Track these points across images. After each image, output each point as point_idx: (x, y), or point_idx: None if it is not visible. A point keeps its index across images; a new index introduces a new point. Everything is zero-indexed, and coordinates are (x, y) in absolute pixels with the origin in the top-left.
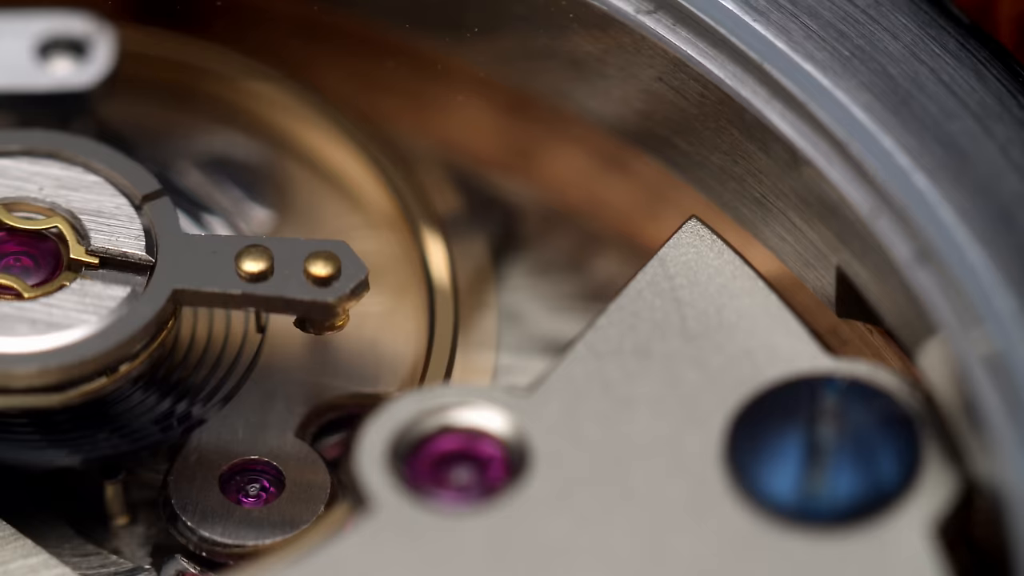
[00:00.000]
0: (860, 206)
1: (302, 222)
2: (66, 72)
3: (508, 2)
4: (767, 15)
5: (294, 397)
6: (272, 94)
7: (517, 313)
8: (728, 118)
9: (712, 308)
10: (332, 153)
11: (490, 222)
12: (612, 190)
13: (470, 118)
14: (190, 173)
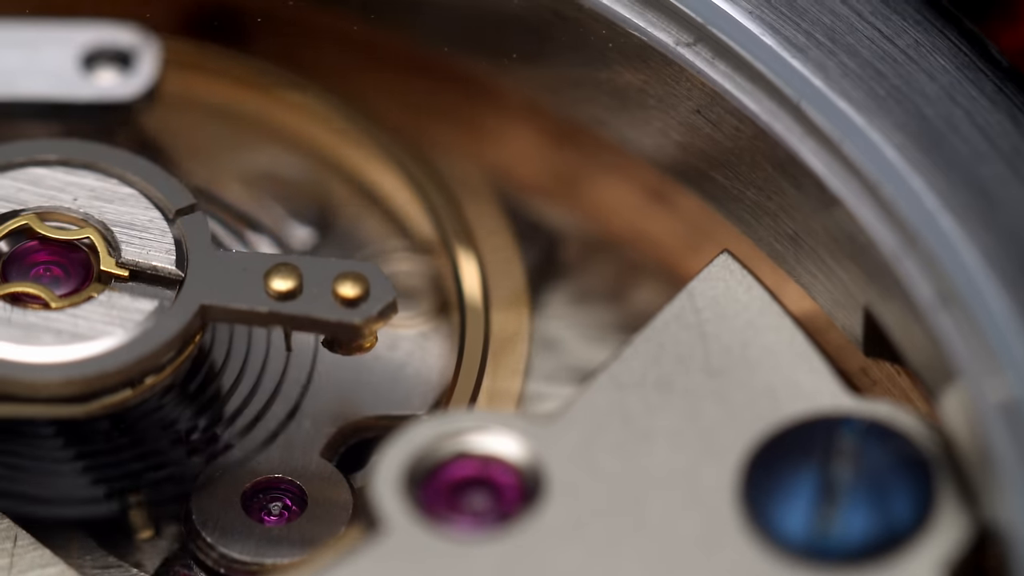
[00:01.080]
0: (886, 247)
1: (343, 242)
2: (109, 83)
3: (550, 29)
4: (806, 52)
5: (322, 416)
6: (319, 113)
7: (554, 340)
8: (763, 153)
9: (737, 343)
10: (376, 175)
11: (532, 248)
12: (655, 222)
13: (518, 144)
14: (233, 189)
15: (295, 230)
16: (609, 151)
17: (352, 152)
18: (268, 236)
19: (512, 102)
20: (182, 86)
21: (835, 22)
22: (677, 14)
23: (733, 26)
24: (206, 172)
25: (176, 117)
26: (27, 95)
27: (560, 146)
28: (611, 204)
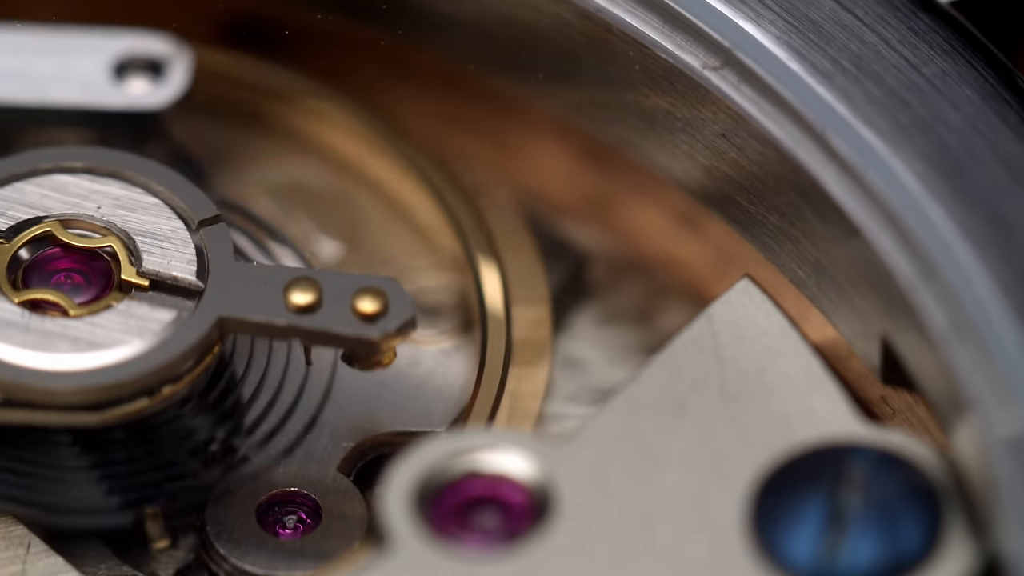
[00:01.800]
0: (903, 277)
1: (370, 257)
2: (140, 91)
3: (578, 50)
4: (831, 79)
5: (340, 431)
6: (349, 126)
7: (578, 361)
8: (785, 179)
9: (754, 368)
10: (404, 190)
11: (560, 268)
12: (683, 245)
13: (548, 163)
14: (261, 200)
15: (322, 243)
16: (639, 173)
17: (381, 166)
18: (294, 249)
19: (543, 121)
20: (214, 96)
21: (862, 49)
22: (704, 37)
23: (760, 51)
24: (235, 183)
25: (207, 127)
26: (57, 102)
27: (591, 166)
28: (641, 226)
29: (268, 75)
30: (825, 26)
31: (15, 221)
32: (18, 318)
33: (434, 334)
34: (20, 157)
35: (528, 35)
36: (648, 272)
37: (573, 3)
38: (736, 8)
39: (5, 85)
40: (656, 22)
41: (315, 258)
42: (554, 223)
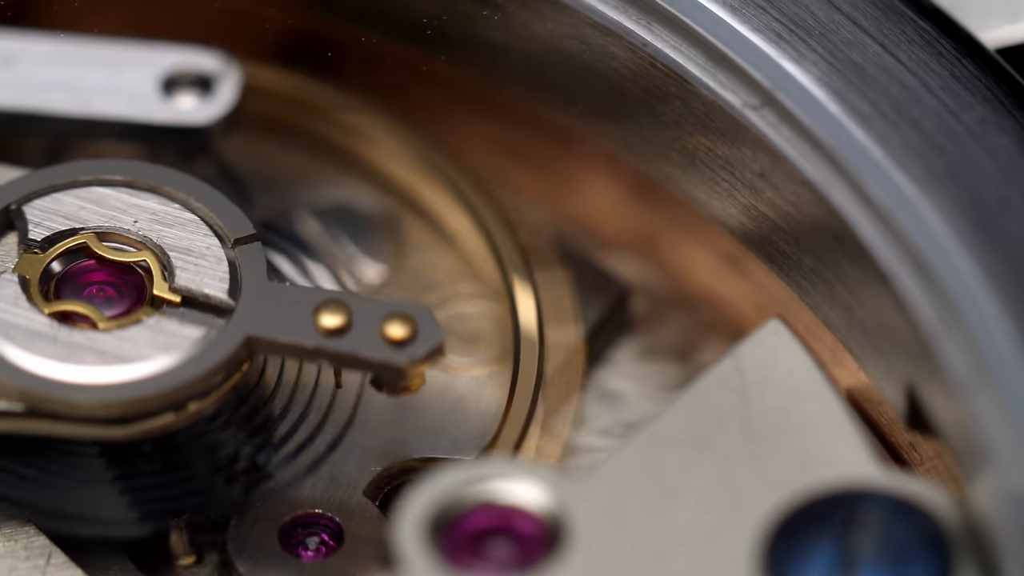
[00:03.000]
0: (928, 324)
1: (413, 281)
2: (187, 107)
3: (622, 83)
4: (870, 122)
5: (369, 454)
6: (400, 151)
7: (616, 394)
8: (820, 222)
9: (778, 409)
10: (451, 217)
11: (603, 300)
12: (728, 285)
13: (597, 195)
14: (308, 221)
15: (366, 266)
16: (686, 209)
17: (429, 192)
18: (333, 270)
19: (593, 153)
20: (265, 114)
21: (902, 94)
22: (746, 76)
23: (800, 92)
24: (281, 202)
25: (257, 145)
26: (102, 114)
27: (639, 200)
28: (686, 262)
29: (321, 96)
30: (867, 69)
31: (51, 232)
32: (47, 329)
33: (470, 361)
34: (61, 168)
35: (575, 66)
36: (691, 309)
37: (618, 36)
38: (780, 48)
39: (52, 95)
40: (699, 59)
41: (357, 281)
42: (599, 255)
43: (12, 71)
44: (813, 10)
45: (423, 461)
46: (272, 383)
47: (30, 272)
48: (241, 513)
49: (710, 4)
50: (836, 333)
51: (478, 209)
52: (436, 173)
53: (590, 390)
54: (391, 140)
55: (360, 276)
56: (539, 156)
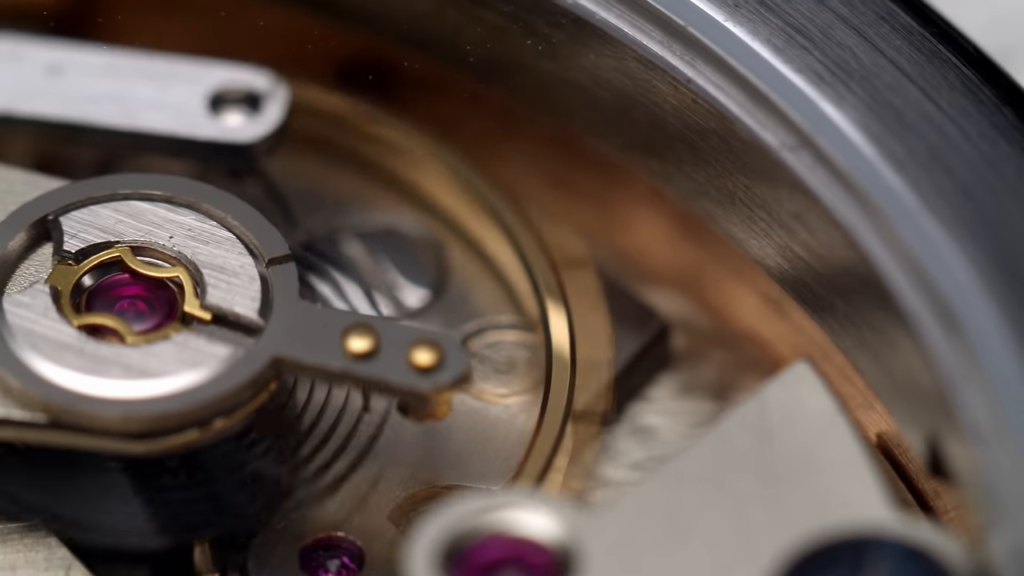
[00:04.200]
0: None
1: (453, 308)
2: (233, 124)
3: (664, 117)
4: (905, 167)
5: (395, 479)
6: (450, 178)
7: (650, 429)
8: (851, 266)
9: (798, 452)
10: (497, 246)
11: (643, 334)
12: (769, 325)
13: (644, 229)
14: (353, 243)
15: (407, 291)
16: (729, 247)
17: (475, 220)
18: (376, 293)
19: (640, 187)
20: (316, 135)
21: (940, 140)
22: (785, 117)
23: (837, 134)
24: (327, 224)
25: (306, 165)
26: (147, 128)
27: (685, 236)
28: (729, 301)
29: (374, 119)
30: (906, 113)
31: (86, 244)
32: (74, 341)
33: (504, 391)
34: (101, 180)
35: (619, 99)
36: (732, 347)
37: (661, 71)
38: (820, 89)
39: (98, 107)
40: (740, 97)
41: (397, 304)
42: (643, 289)
43: (60, 81)
44: (857, 53)
45: (448, 488)
46: (301, 403)
47: (62, 284)
48: (263, 532)
49: (754, 43)
50: (865, 377)
51: (519, 239)
52: (481, 200)
53: (624, 424)
54: (442, 167)
55: (401, 300)
56: (589, 188)
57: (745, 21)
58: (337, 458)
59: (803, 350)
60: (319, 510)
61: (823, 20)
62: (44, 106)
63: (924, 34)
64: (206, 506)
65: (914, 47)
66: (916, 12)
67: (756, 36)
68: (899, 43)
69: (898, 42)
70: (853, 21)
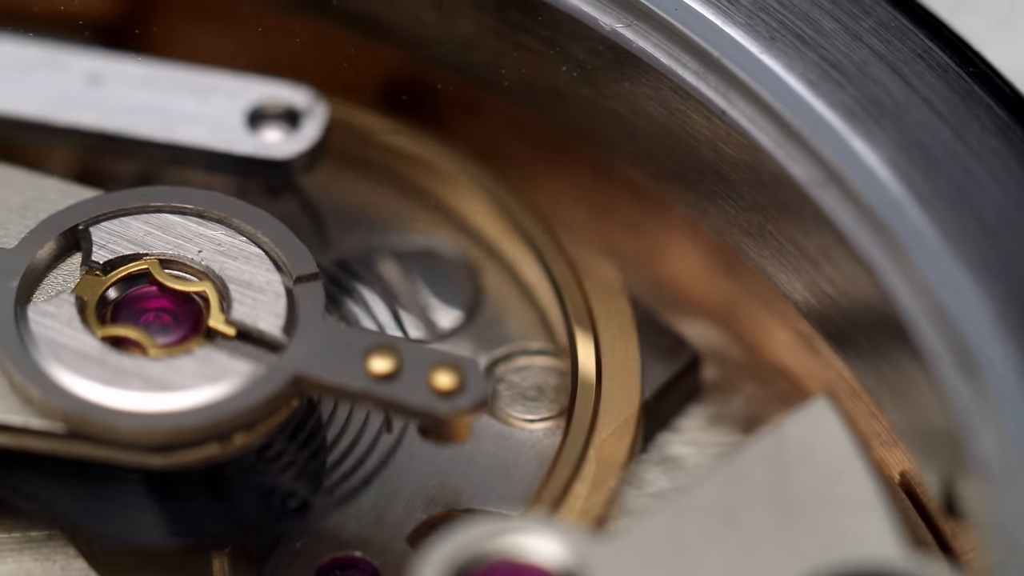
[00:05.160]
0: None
1: (485, 331)
2: (270, 140)
3: (696, 147)
4: (931, 206)
5: (416, 501)
6: (489, 202)
7: (677, 459)
8: (874, 304)
9: (812, 488)
10: (532, 271)
11: (674, 363)
12: (801, 360)
13: (681, 259)
14: (389, 263)
15: (441, 312)
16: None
17: (509, 243)
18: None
19: (678, 218)
20: (358, 154)
21: (968, 180)
22: (815, 152)
23: (865, 171)
24: (366, 242)
25: (347, 183)
26: (184, 141)
27: (721, 269)
28: (761, 334)
29: (414, 140)
30: (936, 152)
31: (115, 255)
32: (96, 352)
33: (531, 416)
34: (133, 192)
35: (657, 129)
36: (763, 381)
37: (696, 101)
38: (852, 125)
39: (135, 119)
40: (771, 131)
41: (430, 326)
42: (677, 319)
43: (100, 91)
44: (890, 90)
45: (469, 512)
46: (325, 419)
47: (88, 294)
48: (281, 548)
49: (788, 77)
50: (887, 414)
51: (552, 265)
52: (516, 225)
53: (652, 453)
54: (477, 188)
55: (433, 320)
56: (627, 216)
57: (780, 54)
58: (358, 477)
59: (832, 386)
60: (338, 528)
61: (859, 56)
62: (82, 116)
63: (960, 73)
64: (226, 519)
65: (948, 86)
66: (954, 51)
67: (791, 70)
68: (933, 81)
69: (932, 80)
70: (889, 58)
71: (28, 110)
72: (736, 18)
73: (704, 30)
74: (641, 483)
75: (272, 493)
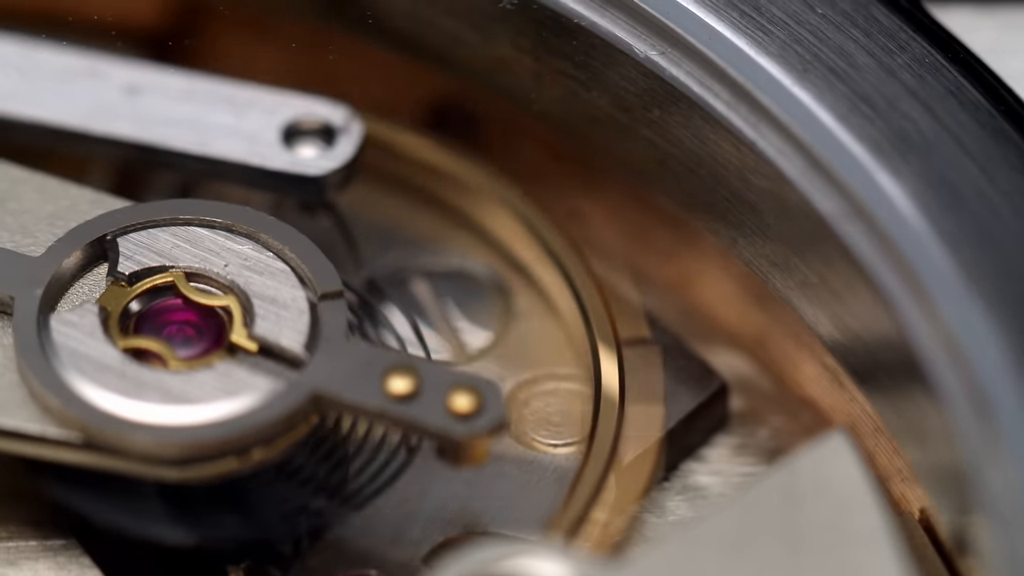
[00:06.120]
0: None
1: (514, 354)
2: (304, 156)
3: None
4: (954, 243)
5: (436, 521)
6: (524, 225)
7: (699, 488)
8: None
9: (824, 523)
10: (564, 297)
11: (702, 391)
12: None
13: (715, 289)
14: (421, 282)
15: (471, 333)
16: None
17: (541, 268)
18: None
19: (711, 248)
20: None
21: (993, 219)
22: (841, 186)
23: (889, 207)
24: (399, 260)
25: (386, 202)
26: (218, 155)
27: (753, 299)
28: (789, 366)
29: (452, 161)
30: (961, 189)
31: (141, 267)
32: (117, 363)
33: (556, 441)
34: (163, 204)
35: (689, 157)
36: (790, 413)
37: (727, 131)
38: (878, 160)
39: (171, 131)
40: (799, 163)
41: (460, 346)
42: (706, 347)
43: (138, 102)
44: (920, 125)
45: (488, 535)
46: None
47: (112, 305)
48: (299, 563)
49: (818, 110)
50: (907, 452)
51: (582, 291)
52: (549, 251)
53: (675, 481)
54: (512, 212)
55: (463, 341)
56: (662, 244)
57: (812, 87)
58: (379, 495)
59: (856, 421)
60: (355, 545)
61: (891, 91)
62: (119, 126)
63: (991, 111)
64: (243, 533)
65: (979, 123)
66: (986, 89)
67: (821, 102)
68: (964, 119)
69: (963, 117)
70: (920, 94)
71: (66, 119)
72: (770, 49)
73: (737, 60)
74: (662, 511)
75: (291, 507)
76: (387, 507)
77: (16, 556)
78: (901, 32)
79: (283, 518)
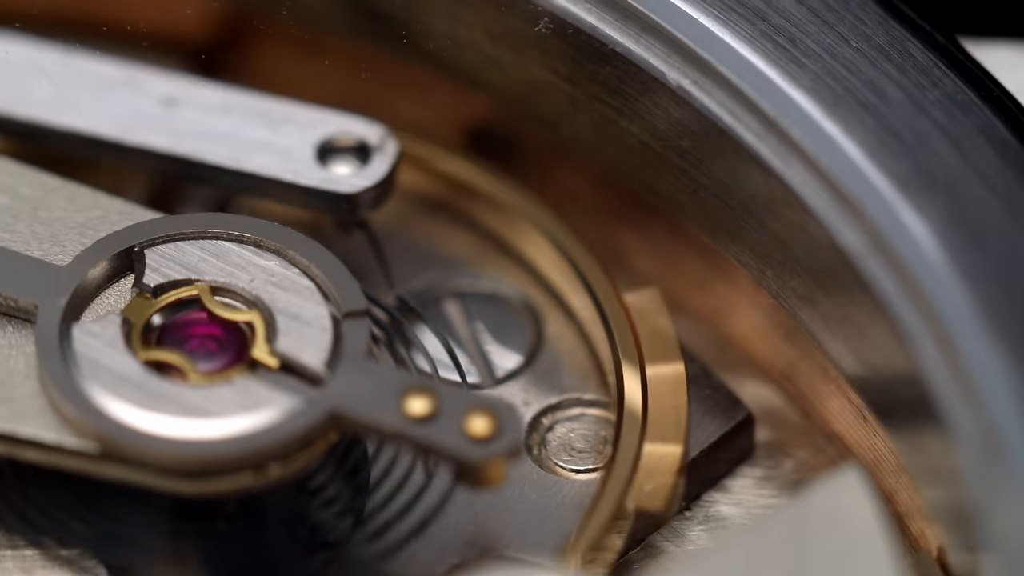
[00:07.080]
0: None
1: (542, 378)
2: (338, 174)
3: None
4: (974, 281)
5: (451, 544)
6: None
7: (722, 519)
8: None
9: (832, 560)
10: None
11: (727, 421)
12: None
13: (745, 320)
14: (451, 303)
15: (501, 355)
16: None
17: (574, 294)
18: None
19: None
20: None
21: (1014, 257)
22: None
23: (911, 244)
24: (429, 280)
25: (417, 221)
26: (252, 170)
27: (783, 332)
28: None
29: (488, 184)
30: (984, 227)
31: (166, 279)
32: (136, 375)
33: (578, 466)
34: (193, 217)
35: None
36: (815, 446)
37: (756, 162)
38: (904, 196)
39: (206, 144)
40: (825, 196)
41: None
42: (734, 377)
43: (174, 114)
44: (947, 161)
45: (502, 559)
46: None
47: (136, 316)
48: None
49: (847, 144)
50: (921, 489)
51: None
52: (581, 275)
53: (696, 510)
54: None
55: (493, 363)
56: (697, 273)
57: (842, 120)
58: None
59: (879, 457)
60: (370, 565)
61: (920, 127)
62: (154, 138)
63: (1020, 150)
64: (259, 553)
65: (1006, 162)
66: (1017, 128)
67: (850, 136)
68: (991, 157)
69: (991, 155)
70: (950, 131)
71: (102, 129)
72: (802, 81)
73: (769, 92)
74: (682, 540)
75: (306, 526)
76: (400, 530)
77: (31, 565)
78: (935, 68)
79: (298, 538)
